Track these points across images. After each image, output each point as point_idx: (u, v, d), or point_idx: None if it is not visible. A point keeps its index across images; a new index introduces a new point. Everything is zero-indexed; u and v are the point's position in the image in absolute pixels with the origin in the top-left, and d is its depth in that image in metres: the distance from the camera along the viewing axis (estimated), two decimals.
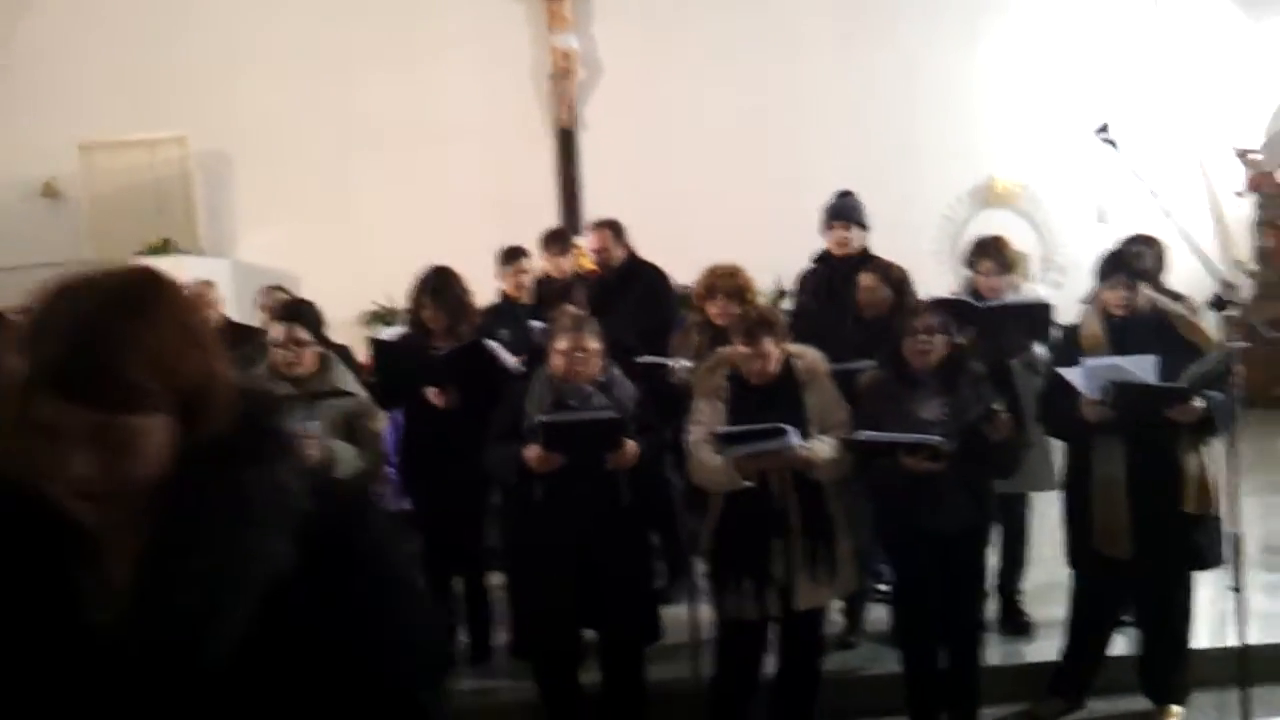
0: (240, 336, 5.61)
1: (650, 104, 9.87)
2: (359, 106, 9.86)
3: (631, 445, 3.85)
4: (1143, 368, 3.86)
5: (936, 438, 3.73)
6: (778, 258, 6.86)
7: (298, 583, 1.20)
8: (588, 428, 3.83)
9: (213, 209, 10.16)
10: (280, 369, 4.04)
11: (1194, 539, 3.95)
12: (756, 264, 5.60)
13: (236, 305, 7.29)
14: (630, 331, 4.90)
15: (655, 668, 4.14)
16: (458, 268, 5.04)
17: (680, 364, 4.48)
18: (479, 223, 9.22)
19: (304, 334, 4.08)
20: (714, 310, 4.45)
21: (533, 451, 3.81)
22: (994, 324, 4.48)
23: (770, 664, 4.01)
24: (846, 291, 4.97)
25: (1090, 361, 3.96)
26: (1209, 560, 4.01)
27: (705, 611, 4.19)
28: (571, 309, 4.22)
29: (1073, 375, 3.97)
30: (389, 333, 5.39)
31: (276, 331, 4.10)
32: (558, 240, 5.92)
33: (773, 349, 3.84)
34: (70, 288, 1.16)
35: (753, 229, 8.90)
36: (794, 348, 4.01)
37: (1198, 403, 3.81)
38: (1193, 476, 3.92)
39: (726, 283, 4.48)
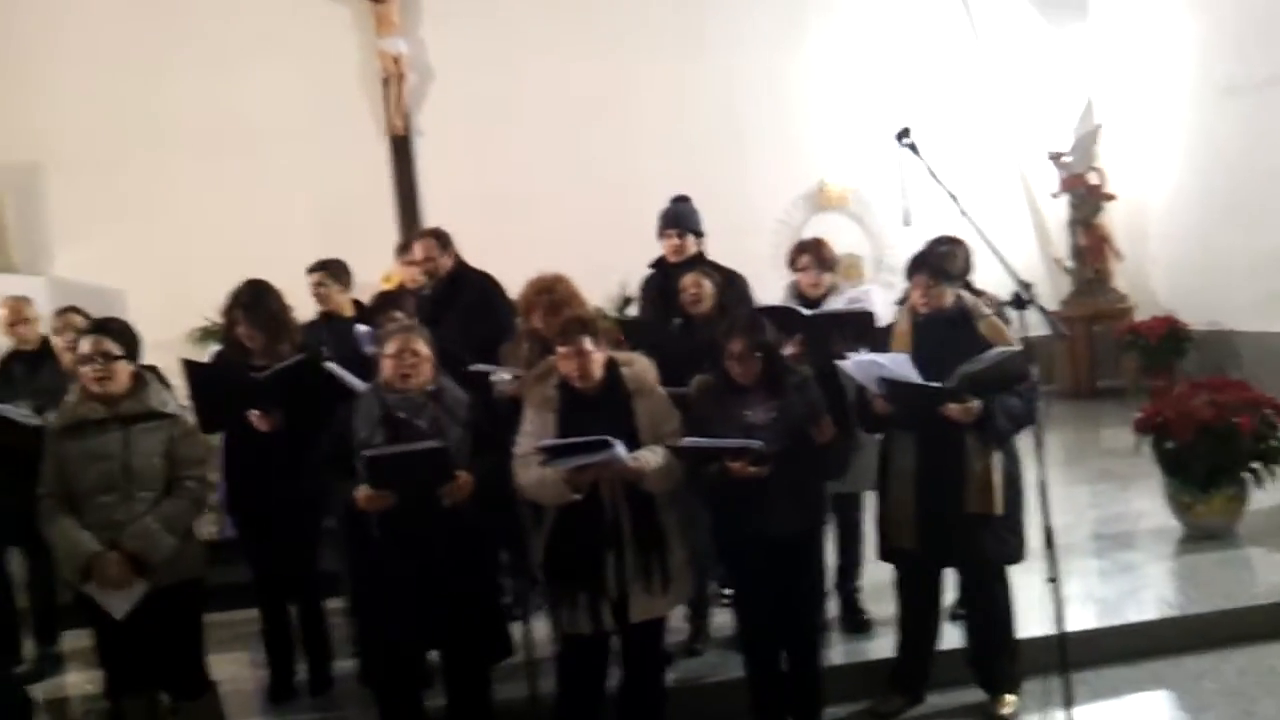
0: (48, 359, 5.32)
1: (483, 107, 9.82)
2: (179, 112, 9.51)
3: (464, 476, 3.75)
4: (899, 364, 3.94)
5: (756, 442, 3.74)
6: (622, 260, 6.85)
7: None
8: (411, 459, 3.71)
9: (25, 224, 9.60)
10: (91, 387, 3.79)
11: (979, 537, 4.04)
12: (600, 267, 5.63)
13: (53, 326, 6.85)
14: (462, 341, 4.79)
15: (495, 687, 4.05)
16: (292, 280, 4.84)
17: (500, 375, 4.40)
18: (314, 232, 8.95)
19: (114, 347, 3.83)
20: (537, 324, 4.39)
21: (362, 492, 3.70)
22: (820, 330, 4.54)
23: (615, 677, 3.97)
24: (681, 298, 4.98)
25: (855, 357, 4.07)
26: (999, 558, 4.10)
27: (544, 628, 4.13)
28: (399, 316, 4.09)
29: (848, 368, 4.07)
30: (209, 352, 5.13)
31: (84, 345, 3.85)
32: (410, 250, 5.76)
33: (591, 348, 3.78)
34: None
35: (594, 231, 8.94)
36: (622, 355, 3.98)
37: (974, 403, 3.89)
38: (975, 476, 3.99)
39: (545, 298, 4.40)
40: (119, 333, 3.91)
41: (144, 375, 3.95)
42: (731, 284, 4.99)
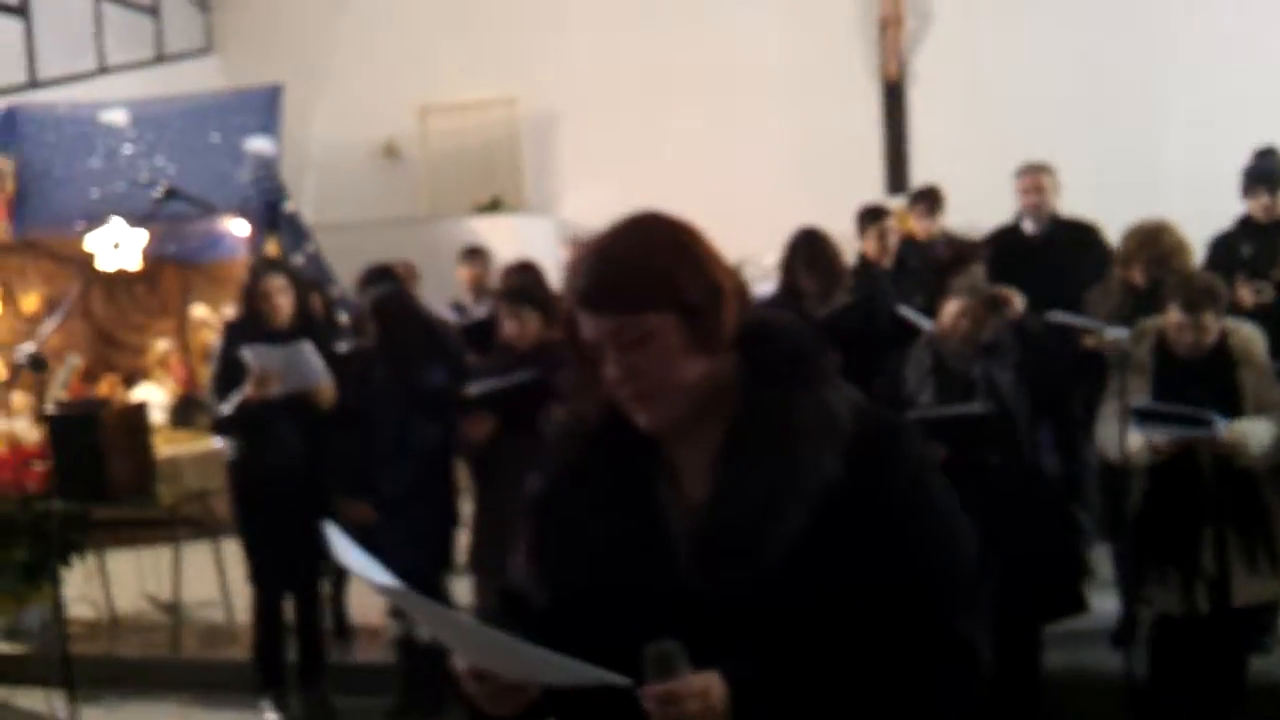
0: None
1: (985, 53, 9.33)
2: (677, 61, 9.85)
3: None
4: None
5: None
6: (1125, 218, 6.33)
7: (842, 494, 1.37)
8: (954, 425, 3.69)
9: (539, 168, 10.52)
10: None
11: None
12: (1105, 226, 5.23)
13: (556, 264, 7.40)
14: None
15: (1082, 654, 4.02)
16: (775, 225, 4.96)
17: (1114, 333, 4.20)
18: (798, 177, 9.09)
19: None
20: (1136, 276, 4.14)
21: None
22: None
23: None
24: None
25: None
26: None
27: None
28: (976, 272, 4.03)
29: None
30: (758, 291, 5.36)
31: None
32: (926, 199, 5.70)
33: (1213, 324, 3.53)
34: (595, 236, 1.46)
35: (1100, 188, 8.26)
36: (1226, 322, 3.65)
37: None
38: None
39: (1146, 252, 4.15)
40: None
41: None
42: None
